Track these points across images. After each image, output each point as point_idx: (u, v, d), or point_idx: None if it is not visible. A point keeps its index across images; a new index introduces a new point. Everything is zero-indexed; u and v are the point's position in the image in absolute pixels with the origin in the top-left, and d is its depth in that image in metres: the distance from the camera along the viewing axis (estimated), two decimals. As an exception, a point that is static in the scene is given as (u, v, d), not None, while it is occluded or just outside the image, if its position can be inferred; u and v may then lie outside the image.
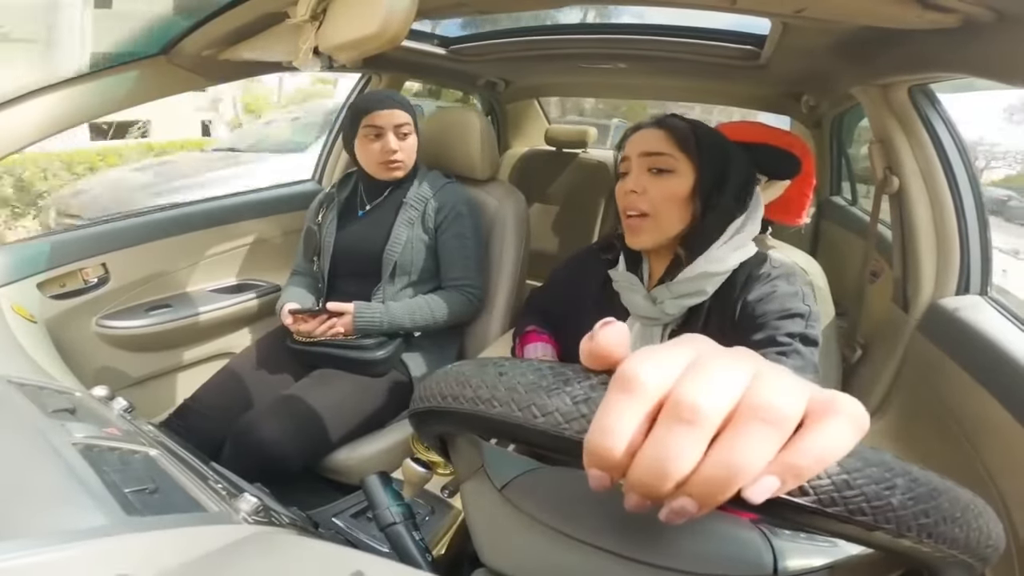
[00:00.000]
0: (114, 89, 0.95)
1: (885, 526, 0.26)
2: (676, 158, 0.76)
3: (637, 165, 0.78)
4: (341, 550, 0.40)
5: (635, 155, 0.78)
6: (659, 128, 0.79)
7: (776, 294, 0.72)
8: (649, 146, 0.77)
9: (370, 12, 0.69)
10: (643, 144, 0.78)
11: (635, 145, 0.79)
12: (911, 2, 0.73)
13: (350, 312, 1.16)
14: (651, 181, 0.77)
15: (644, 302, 0.79)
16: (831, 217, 1.90)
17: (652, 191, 0.76)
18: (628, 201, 0.78)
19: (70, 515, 0.35)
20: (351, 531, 0.66)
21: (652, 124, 0.80)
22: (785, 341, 0.68)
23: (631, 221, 0.78)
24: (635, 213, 0.77)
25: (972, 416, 0.91)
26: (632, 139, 0.81)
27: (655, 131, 0.79)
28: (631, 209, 0.78)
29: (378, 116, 1.20)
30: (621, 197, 0.80)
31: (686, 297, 0.77)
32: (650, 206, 0.76)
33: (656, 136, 0.78)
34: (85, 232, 1.26)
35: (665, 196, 0.76)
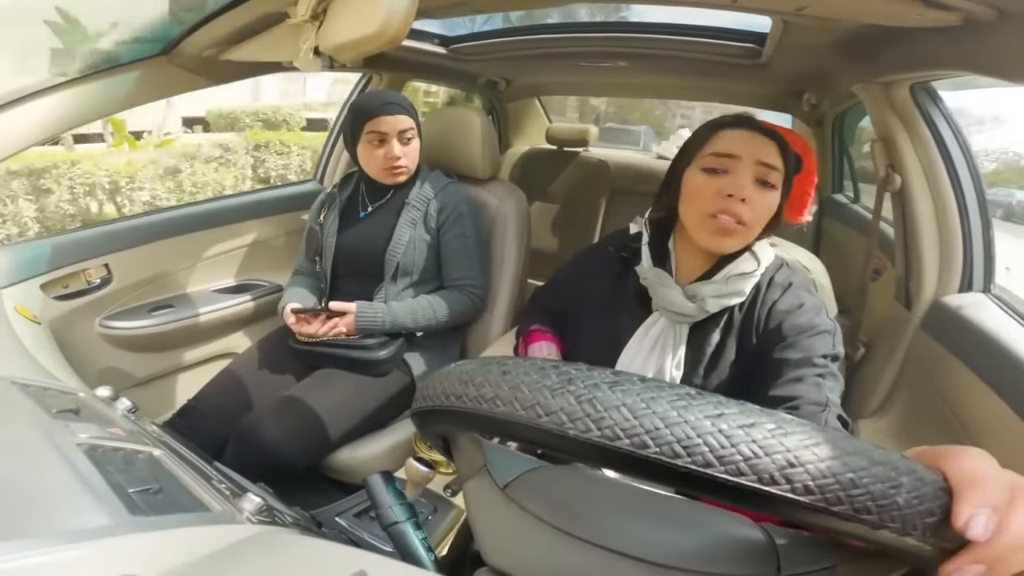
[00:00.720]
0: (115, 90, 0.95)
1: (890, 525, 0.26)
2: (780, 175, 0.74)
3: (749, 171, 0.73)
4: (344, 549, 0.40)
5: (750, 160, 0.73)
6: (772, 140, 0.75)
7: (804, 308, 0.73)
8: (766, 156, 0.73)
9: (370, 12, 0.69)
10: (760, 152, 0.73)
11: (748, 148, 0.74)
12: (912, 0, 0.73)
13: (352, 312, 1.16)
14: (757, 192, 0.73)
15: (681, 299, 0.77)
16: (833, 215, 1.89)
17: (756, 203, 0.73)
18: (729, 205, 0.72)
19: (75, 515, 0.35)
20: (354, 530, 0.66)
21: (763, 131, 0.75)
22: (822, 363, 0.68)
23: (725, 223, 0.72)
24: (731, 218, 0.73)
25: (975, 413, 0.91)
26: (738, 138, 0.75)
27: (768, 140, 0.74)
28: (731, 215, 0.72)
29: (382, 122, 1.19)
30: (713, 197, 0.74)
31: (727, 297, 0.75)
32: (751, 216, 0.73)
33: (771, 148, 0.74)
34: (88, 233, 1.26)
35: (765, 211, 0.74)
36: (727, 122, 0.77)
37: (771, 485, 0.27)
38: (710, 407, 0.29)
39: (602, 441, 0.29)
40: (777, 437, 0.27)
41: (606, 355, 0.80)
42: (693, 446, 0.28)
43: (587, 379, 0.30)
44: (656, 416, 0.28)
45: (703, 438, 0.28)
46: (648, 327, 0.80)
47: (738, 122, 0.77)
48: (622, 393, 0.30)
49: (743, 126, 0.76)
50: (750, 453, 0.27)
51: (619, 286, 0.86)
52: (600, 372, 0.31)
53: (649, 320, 0.80)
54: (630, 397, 0.29)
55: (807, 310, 0.73)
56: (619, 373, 0.31)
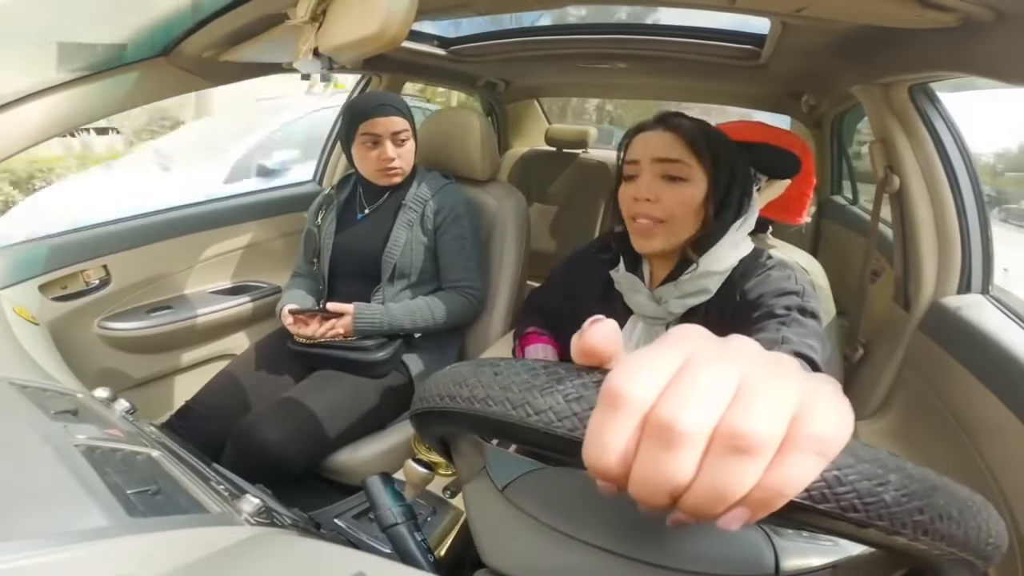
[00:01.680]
0: (114, 90, 0.95)
1: (878, 523, 0.26)
2: (690, 165, 0.74)
3: (648, 171, 0.75)
4: (343, 551, 0.40)
5: (647, 160, 0.75)
6: (669, 131, 0.75)
7: (770, 278, 0.74)
8: (662, 151, 0.74)
9: (370, 13, 0.69)
10: (655, 149, 0.75)
11: (645, 149, 0.76)
12: (911, 1, 0.73)
13: (350, 313, 1.16)
14: (664, 188, 0.74)
15: (648, 302, 0.79)
16: (832, 216, 1.90)
17: (665, 199, 0.74)
18: (639, 208, 0.75)
19: (72, 516, 0.35)
20: (353, 532, 0.66)
21: (661, 126, 0.77)
22: (782, 313, 0.69)
23: (641, 225, 0.76)
24: (647, 220, 0.75)
25: (974, 415, 0.91)
26: (640, 141, 0.77)
27: (665, 134, 0.75)
28: (642, 216, 0.75)
29: (375, 123, 1.20)
30: (629, 203, 0.77)
31: (690, 296, 0.77)
32: (664, 213, 0.74)
33: (668, 140, 0.75)
34: (86, 234, 1.26)
35: (679, 204, 0.74)
36: (636, 128, 0.80)
37: None
38: None
39: None
40: None
41: None
42: None
43: (576, 378, 0.31)
44: None
45: None
46: (630, 331, 0.81)
47: (645, 125, 0.79)
48: None
49: (647, 128, 0.78)
50: None
51: (607, 288, 0.87)
52: (589, 372, 0.31)
53: (629, 324, 0.81)
54: None
55: (772, 279, 0.73)
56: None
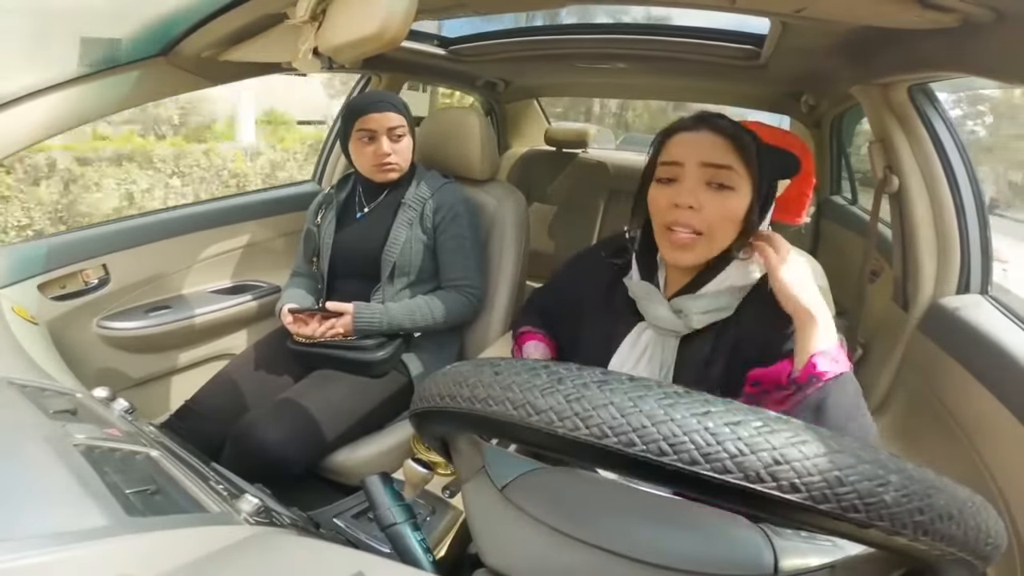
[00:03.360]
0: (114, 90, 0.95)
1: (879, 523, 0.26)
2: (739, 174, 0.67)
3: (694, 176, 0.68)
4: (342, 550, 0.40)
5: (693, 163, 0.68)
6: (717, 133, 0.68)
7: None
8: (711, 156, 0.67)
9: (369, 13, 0.69)
10: (705, 152, 0.68)
11: (693, 151, 0.68)
12: (910, 2, 0.73)
13: (349, 312, 1.16)
14: (709, 197, 0.67)
15: (667, 314, 0.73)
16: (831, 216, 1.90)
17: (709, 208, 0.67)
18: (679, 216, 0.68)
19: (72, 516, 0.35)
20: (352, 532, 0.66)
21: (705, 127, 0.69)
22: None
23: (679, 237, 0.68)
24: (686, 231, 0.68)
25: (973, 415, 0.91)
26: (683, 142, 0.70)
27: (717, 138, 0.68)
28: (682, 226, 0.68)
29: (371, 119, 1.20)
30: (665, 209, 0.70)
31: (714, 312, 0.71)
32: (705, 225, 0.68)
33: (717, 144, 0.68)
34: (85, 233, 1.26)
35: (723, 215, 0.68)
36: (677, 126, 0.72)
37: (757, 483, 0.27)
38: (697, 405, 0.29)
39: (590, 439, 0.29)
40: (763, 434, 0.28)
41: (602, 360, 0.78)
42: (679, 444, 0.28)
43: (576, 378, 0.31)
44: (643, 414, 0.29)
45: (689, 436, 0.28)
46: (637, 337, 0.77)
47: (686, 124, 0.72)
48: (610, 392, 0.30)
49: (692, 127, 0.71)
50: (736, 451, 0.27)
51: (614, 292, 0.83)
52: (590, 372, 0.31)
53: (636, 330, 0.77)
54: (618, 396, 0.30)
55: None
56: (608, 372, 0.32)
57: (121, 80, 0.95)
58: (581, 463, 0.51)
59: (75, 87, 0.91)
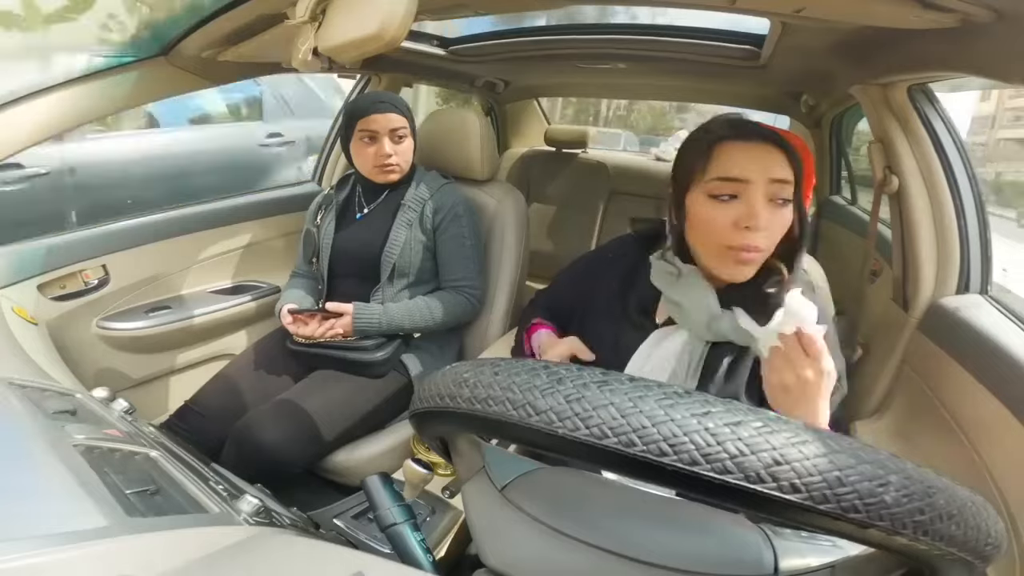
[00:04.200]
0: (114, 90, 0.95)
1: (879, 523, 0.26)
2: (792, 186, 0.64)
3: (759, 194, 0.63)
4: (342, 551, 0.40)
5: (763, 180, 0.63)
6: (779, 148, 0.64)
7: None
8: (779, 172, 0.63)
9: (369, 13, 0.69)
10: (772, 169, 0.63)
11: (761, 168, 0.63)
12: (910, 2, 0.73)
13: (349, 313, 1.16)
14: (772, 214, 0.63)
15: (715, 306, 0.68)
16: (831, 217, 1.90)
17: (773, 227, 0.64)
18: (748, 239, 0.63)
19: (71, 516, 0.35)
20: (352, 532, 0.66)
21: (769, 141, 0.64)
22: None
23: (744, 257, 0.64)
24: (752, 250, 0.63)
25: (973, 415, 0.91)
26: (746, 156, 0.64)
27: (777, 152, 0.64)
28: (751, 249, 0.63)
29: (373, 120, 1.20)
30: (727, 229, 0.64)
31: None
32: (769, 243, 0.64)
33: (781, 159, 0.64)
34: (85, 233, 1.26)
35: (782, 231, 0.65)
36: (726, 134, 0.66)
37: (757, 483, 0.27)
38: (697, 405, 0.29)
39: (590, 439, 0.29)
40: (763, 435, 0.28)
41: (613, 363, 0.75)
42: (679, 444, 0.28)
43: (576, 379, 0.31)
44: (643, 415, 0.29)
45: (689, 436, 0.28)
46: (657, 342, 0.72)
47: (739, 132, 0.66)
48: (610, 392, 0.30)
49: (747, 137, 0.65)
50: (736, 451, 0.27)
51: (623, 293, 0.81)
52: (590, 372, 0.31)
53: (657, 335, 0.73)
54: (618, 396, 0.30)
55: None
56: (608, 373, 0.32)
57: (121, 80, 0.95)
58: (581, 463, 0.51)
59: (75, 87, 0.91)
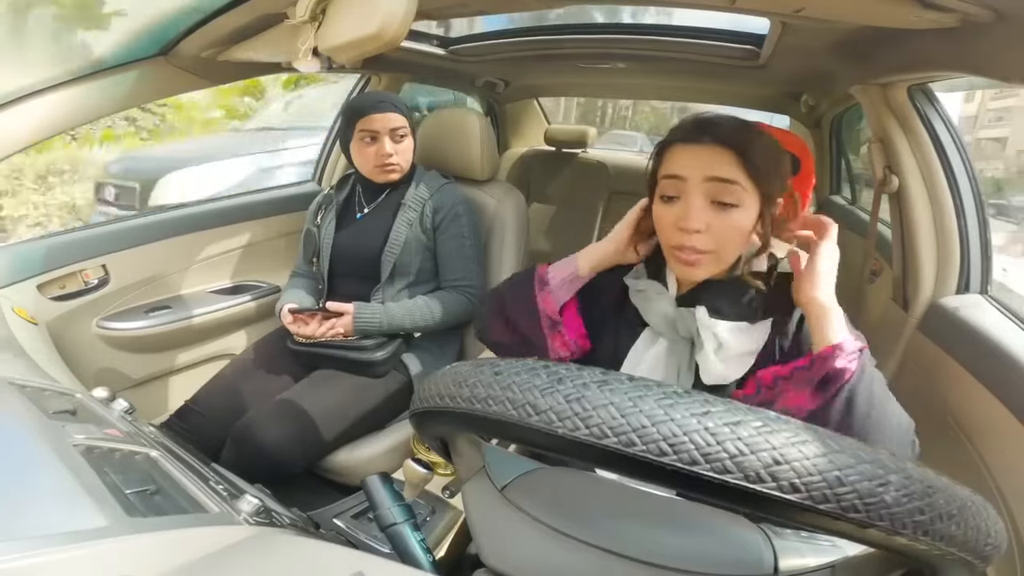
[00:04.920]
0: (113, 90, 0.95)
1: (879, 523, 0.26)
2: (745, 188, 0.63)
3: (698, 192, 0.64)
4: (342, 550, 0.40)
5: (696, 179, 0.64)
6: (720, 144, 0.63)
7: None
8: (718, 171, 0.63)
9: (369, 13, 0.69)
10: (709, 166, 0.63)
11: (697, 165, 0.64)
12: (910, 2, 0.73)
13: (349, 312, 1.16)
14: (714, 215, 0.64)
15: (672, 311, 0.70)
16: (831, 216, 1.89)
17: (715, 227, 0.64)
18: (684, 240, 0.65)
19: (71, 516, 0.35)
20: (352, 532, 0.66)
21: (708, 137, 0.64)
22: None
23: (687, 258, 0.65)
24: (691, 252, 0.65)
25: (973, 415, 0.91)
26: (684, 155, 0.65)
27: (721, 151, 0.63)
28: (687, 250, 0.65)
29: (373, 120, 1.20)
30: (670, 230, 0.66)
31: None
32: (713, 244, 0.64)
33: (724, 158, 0.63)
34: (84, 233, 1.26)
35: (730, 232, 0.65)
36: (676, 137, 0.67)
37: (757, 483, 0.27)
38: (696, 405, 0.29)
39: (590, 439, 0.29)
40: (763, 435, 0.28)
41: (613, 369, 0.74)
42: (679, 444, 0.28)
43: (576, 379, 0.31)
44: (643, 414, 0.29)
45: (689, 436, 0.28)
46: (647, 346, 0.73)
47: (687, 134, 0.66)
48: (610, 392, 0.30)
49: (694, 138, 0.65)
50: (735, 451, 0.27)
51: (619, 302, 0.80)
52: (589, 372, 0.31)
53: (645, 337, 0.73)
54: (617, 396, 0.30)
55: None
56: (608, 373, 0.32)
57: (121, 80, 0.95)
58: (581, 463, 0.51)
59: (75, 87, 0.91)
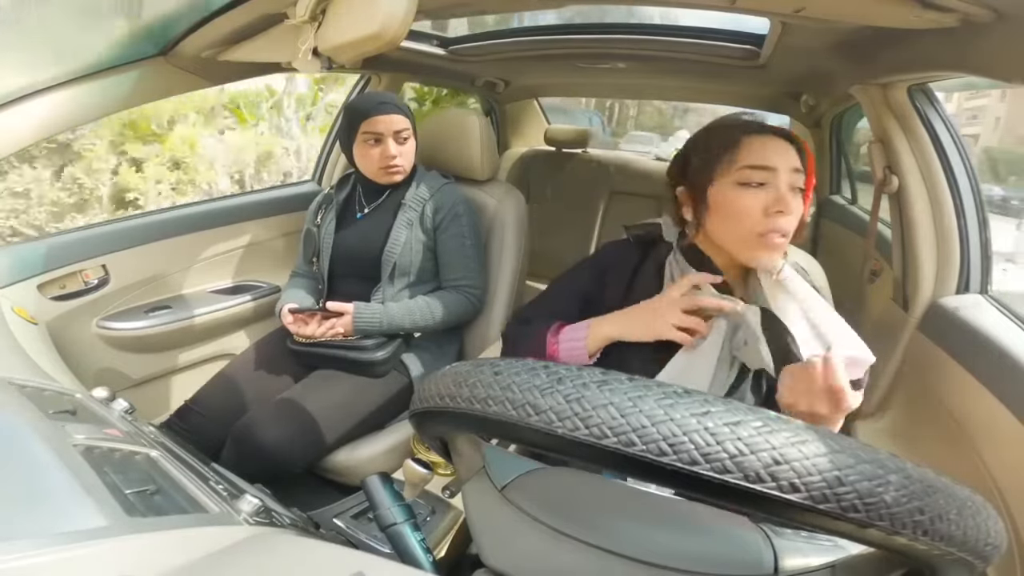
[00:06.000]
0: (113, 90, 0.95)
1: (878, 523, 0.26)
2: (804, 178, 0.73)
3: (784, 182, 0.71)
4: (342, 550, 0.40)
5: (786, 169, 0.71)
6: (790, 143, 0.73)
7: None
8: (795, 162, 0.72)
9: (369, 13, 0.69)
10: (791, 158, 0.72)
11: (784, 157, 0.72)
12: (910, 1, 0.73)
13: (350, 312, 1.16)
14: (794, 200, 0.71)
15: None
16: (831, 216, 1.90)
17: (796, 213, 0.71)
18: (777, 223, 0.70)
19: (71, 516, 0.35)
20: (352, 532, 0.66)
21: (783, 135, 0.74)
22: None
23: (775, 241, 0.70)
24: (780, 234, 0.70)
25: (973, 415, 0.91)
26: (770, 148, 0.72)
27: (789, 145, 0.73)
28: (779, 232, 0.70)
29: (377, 122, 1.20)
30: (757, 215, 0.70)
31: None
32: (793, 227, 0.72)
33: (792, 151, 0.73)
34: (85, 233, 1.26)
35: (800, 216, 0.72)
36: (751, 128, 0.74)
37: (757, 483, 0.27)
38: (696, 405, 0.29)
39: (590, 439, 0.29)
40: (763, 435, 0.28)
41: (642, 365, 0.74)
42: (679, 444, 0.28)
43: (576, 379, 0.31)
44: (643, 414, 0.29)
45: (689, 436, 0.28)
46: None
47: (762, 127, 0.74)
48: (610, 392, 0.30)
49: (769, 131, 0.74)
50: (735, 451, 0.27)
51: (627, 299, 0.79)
52: (589, 372, 0.31)
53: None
54: (617, 396, 0.30)
55: None
56: (608, 372, 0.32)
57: (121, 80, 0.95)
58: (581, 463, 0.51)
59: (75, 87, 0.91)
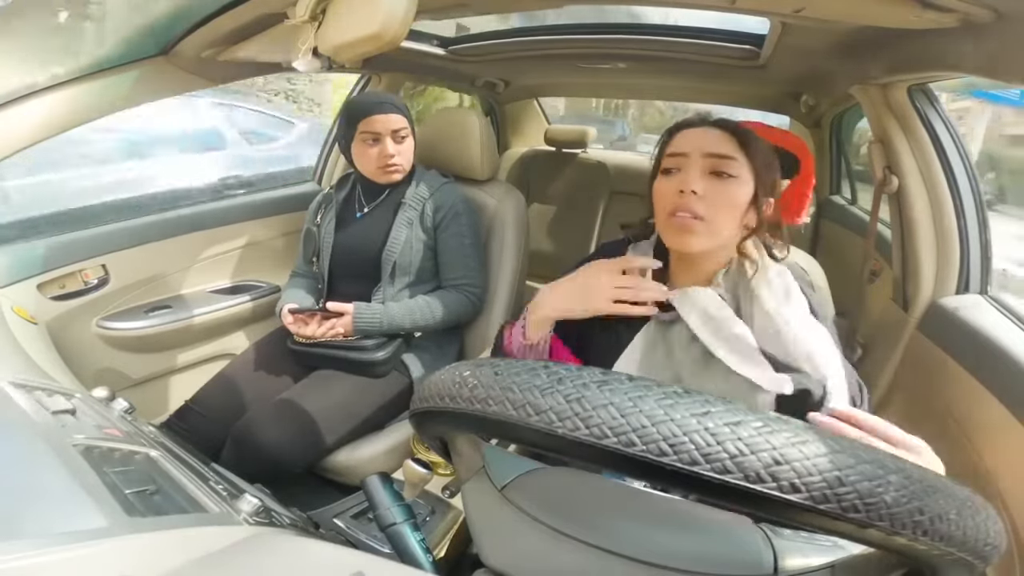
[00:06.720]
0: (113, 90, 0.95)
1: (878, 523, 0.26)
2: (740, 164, 0.72)
3: (697, 165, 0.72)
4: (342, 550, 0.40)
5: (697, 154, 0.72)
6: (721, 129, 0.74)
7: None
8: (714, 147, 0.72)
9: (369, 13, 0.69)
10: (706, 143, 0.72)
11: (695, 143, 0.73)
12: (910, 2, 0.73)
13: (350, 312, 1.16)
14: (711, 185, 0.71)
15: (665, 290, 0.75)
16: (831, 216, 1.90)
17: (711, 196, 0.71)
18: (680, 202, 0.71)
19: (71, 516, 0.35)
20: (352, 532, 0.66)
21: (711, 123, 0.75)
22: None
23: (681, 220, 0.71)
24: (688, 214, 0.71)
25: (972, 415, 0.91)
26: (687, 136, 0.75)
27: (716, 131, 0.73)
28: (684, 210, 0.71)
29: (375, 121, 1.20)
30: (669, 196, 0.73)
31: None
32: (706, 211, 0.71)
33: (719, 137, 0.73)
34: (85, 233, 1.26)
35: (725, 202, 0.71)
36: (681, 124, 0.78)
37: (757, 483, 0.27)
38: (696, 405, 0.29)
39: (590, 439, 0.29)
40: (763, 435, 0.28)
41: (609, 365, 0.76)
42: (679, 444, 0.28)
43: (576, 379, 0.31)
44: (643, 414, 0.29)
45: (689, 436, 0.28)
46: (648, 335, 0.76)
47: (689, 121, 0.77)
48: (610, 392, 0.30)
49: (695, 124, 0.76)
50: (736, 451, 0.27)
51: None
52: (589, 372, 0.31)
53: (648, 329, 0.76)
54: (618, 396, 0.30)
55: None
56: (608, 373, 0.32)
57: (121, 80, 0.95)
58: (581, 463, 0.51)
59: (75, 87, 0.91)
